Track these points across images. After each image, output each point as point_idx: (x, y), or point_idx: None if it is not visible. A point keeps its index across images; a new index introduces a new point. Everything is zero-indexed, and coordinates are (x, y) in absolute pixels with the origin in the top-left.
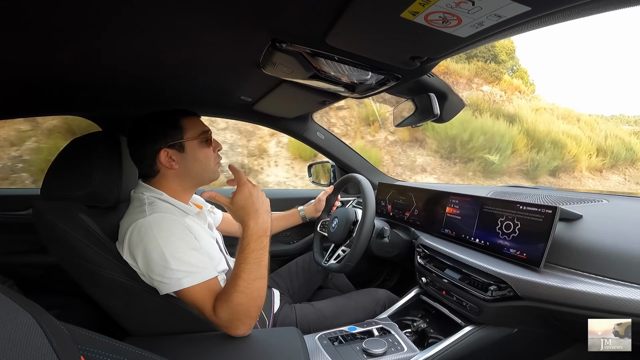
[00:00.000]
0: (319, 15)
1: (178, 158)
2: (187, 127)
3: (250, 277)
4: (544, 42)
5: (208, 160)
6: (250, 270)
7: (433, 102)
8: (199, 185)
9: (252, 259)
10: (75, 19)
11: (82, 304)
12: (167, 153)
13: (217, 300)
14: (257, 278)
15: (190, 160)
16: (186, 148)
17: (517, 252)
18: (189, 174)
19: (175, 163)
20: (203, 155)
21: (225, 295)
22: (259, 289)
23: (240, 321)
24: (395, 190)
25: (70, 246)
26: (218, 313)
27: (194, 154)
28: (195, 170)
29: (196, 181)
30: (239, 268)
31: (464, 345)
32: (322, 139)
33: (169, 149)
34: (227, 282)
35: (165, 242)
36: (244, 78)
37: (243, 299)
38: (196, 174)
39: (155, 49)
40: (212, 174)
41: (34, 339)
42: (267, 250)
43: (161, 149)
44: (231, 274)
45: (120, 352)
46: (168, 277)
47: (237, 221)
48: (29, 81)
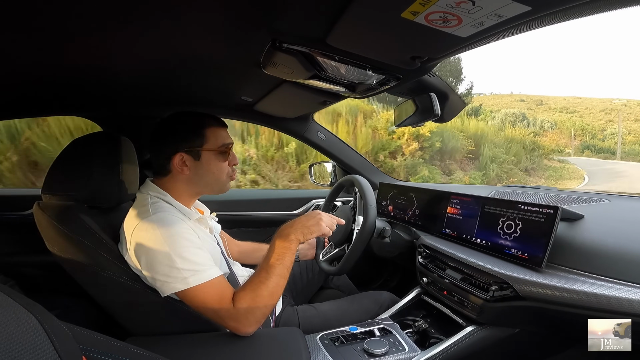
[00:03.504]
0: (320, 15)
1: (191, 164)
2: (209, 136)
3: (275, 271)
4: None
5: (221, 173)
6: (274, 265)
7: (434, 102)
8: (206, 193)
9: (276, 255)
10: (75, 19)
11: (83, 304)
12: (182, 157)
13: (242, 289)
14: (278, 275)
15: (203, 169)
16: (202, 157)
17: (519, 252)
18: (198, 182)
19: (187, 169)
20: (217, 168)
21: (251, 285)
22: (278, 286)
23: (254, 316)
24: (396, 191)
25: (71, 247)
26: (238, 304)
27: (208, 165)
28: (205, 180)
29: (204, 190)
30: (264, 262)
31: (466, 345)
32: (323, 139)
33: (184, 154)
34: (252, 276)
35: (170, 241)
36: (244, 78)
37: (264, 292)
38: (205, 183)
39: (155, 49)
40: (221, 186)
41: (36, 339)
42: (290, 252)
43: (177, 152)
44: (257, 268)
45: (121, 352)
46: (173, 276)
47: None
48: (30, 82)
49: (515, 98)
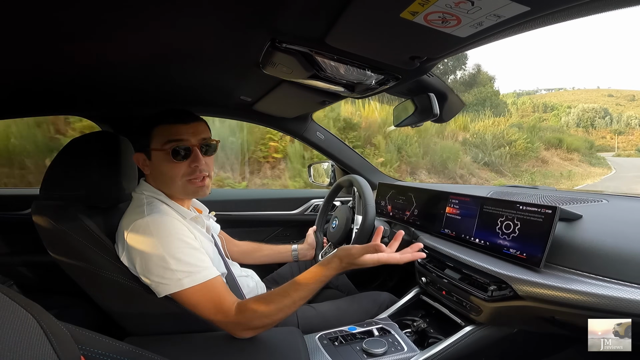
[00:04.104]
0: (319, 15)
1: (148, 165)
2: (155, 134)
3: (296, 288)
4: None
5: (174, 174)
6: (299, 283)
7: (433, 102)
8: (178, 196)
9: (305, 275)
10: (74, 19)
11: (82, 304)
12: (137, 157)
13: (261, 298)
14: (297, 295)
15: (156, 170)
16: (152, 157)
17: (517, 252)
18: (161, 184)
19: (147, 168)
20: (167, 168)
21: (268, 295)
22: (290, 306)
23: (253, 324)
24: (395, 191)
25: (70, 246)
26: (245, 307)
27: (159, 165)
28: (163, 181)
29: (170, 192)
30: (293, 282)
31: (464, 345)
32: (322, 139)
33: (140, 154)
34: (278, 289)
35: (164, 242)
36: (243, 78)
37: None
38: (165, 185)
39: (154, 48)
40: (179, 190)
41: (34, 338)
42: (319, 278)
43: (135, 151)
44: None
45: (120, 352)
46: (168, 277)
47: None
48: (29, 81)
49: (602, 93)
